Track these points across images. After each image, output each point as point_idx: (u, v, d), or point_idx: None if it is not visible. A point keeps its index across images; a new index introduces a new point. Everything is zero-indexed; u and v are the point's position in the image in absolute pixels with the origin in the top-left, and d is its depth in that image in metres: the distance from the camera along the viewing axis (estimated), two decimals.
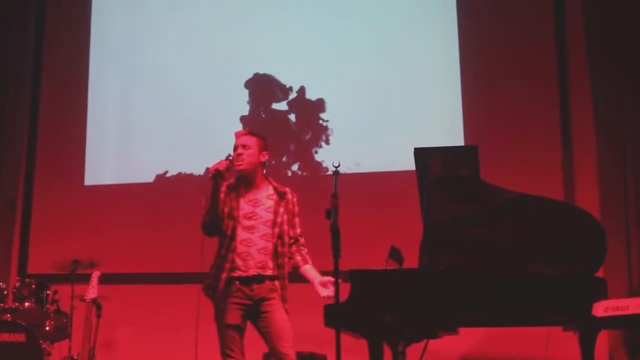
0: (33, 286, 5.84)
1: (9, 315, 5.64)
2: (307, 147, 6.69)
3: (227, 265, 4.07)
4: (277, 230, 4.12)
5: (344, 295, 3.90)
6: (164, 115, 6.99)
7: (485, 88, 6.37)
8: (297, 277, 4.32)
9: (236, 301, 4.05)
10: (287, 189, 4.26)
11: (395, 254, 4.52)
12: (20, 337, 5.43)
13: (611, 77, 6.02)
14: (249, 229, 4.10)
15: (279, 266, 4.12)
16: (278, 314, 4.05)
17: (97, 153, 7.11)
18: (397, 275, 4.31)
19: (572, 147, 6.13)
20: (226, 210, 4.11)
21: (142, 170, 6.97)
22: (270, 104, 6.84)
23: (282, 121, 6.79)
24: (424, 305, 4.09)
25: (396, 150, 6.26)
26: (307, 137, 6.70)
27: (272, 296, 4.08)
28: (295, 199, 4.25)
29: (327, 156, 6.61)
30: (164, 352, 6.23)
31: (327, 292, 3.99)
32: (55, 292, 5.95)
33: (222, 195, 4.11)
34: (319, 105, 6.70)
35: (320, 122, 6.68)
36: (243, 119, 6.84)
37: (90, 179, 7.09)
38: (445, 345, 4.94)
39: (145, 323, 6.48)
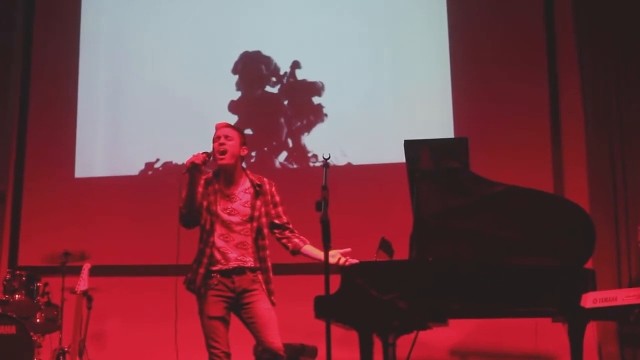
0: (23, 278, 5.82)
1: None
2: (296, 135, 6.69)
3: (205, 260, 4.06)
4: (255, 224, 4.10)
5: (334, 287, 3.92)
6: (154, 107, 6.97)
7: (476, 82, 6.38)
8: (286, 269, 4.32)
9: (218, 294, 4.04)
10: (265, 180, 4.22)
11: (385, 246, 4.54)
12: (11, 330, 5.43)
13: (600, 67, 6.03)
14: (227, 224, 4.08)
15: (260, 259, 4.10)
16: (261, 304, 4.03)
17: (88, 145, 7.09)
18: (388, 266, 4.32)
19: (561, 138, 6.16)
20: (204, 204, 4.10)
21: (132, 162, 6.95)
22: (260, 90, 6.83)
23: (272, 107, 6.78)
24: (414, 297, 4.10)
25: (386, 142, 6.28)
26: (298, 125, 6.69)
27: (254, 287, 4.06)
28: (273, 189, 4.22)
29: (316, 147, 6.60)
30: (155, 344, 6.22)
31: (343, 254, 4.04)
32: (46, 284, 5.94)
33: (200, 189, 4.09)
34: (313, 90, 6.68)
35: (311, 108, 6.67)
36: (232, 105, 6.83)
37: (80, 171, 7.07)
38: (434, 336, 4.96)
39: (137, 315, 6.47)
